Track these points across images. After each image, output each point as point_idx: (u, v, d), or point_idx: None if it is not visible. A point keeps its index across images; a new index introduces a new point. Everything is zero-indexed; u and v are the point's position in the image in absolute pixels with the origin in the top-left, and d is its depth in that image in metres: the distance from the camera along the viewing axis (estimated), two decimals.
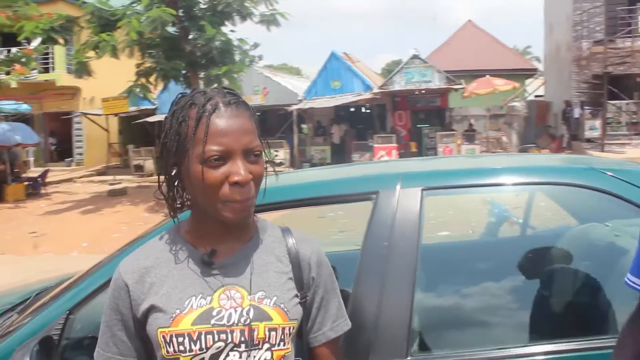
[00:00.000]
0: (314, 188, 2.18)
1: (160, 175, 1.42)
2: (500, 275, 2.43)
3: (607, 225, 2.49)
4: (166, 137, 1.36)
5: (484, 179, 2.18)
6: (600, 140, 20.56)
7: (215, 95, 1.36)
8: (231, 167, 1.30)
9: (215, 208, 1.32)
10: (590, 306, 2.20)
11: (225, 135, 1.29)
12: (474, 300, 2.30)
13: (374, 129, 23.61)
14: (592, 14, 22.43)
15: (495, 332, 2.16)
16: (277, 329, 1.34)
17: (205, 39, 14.24)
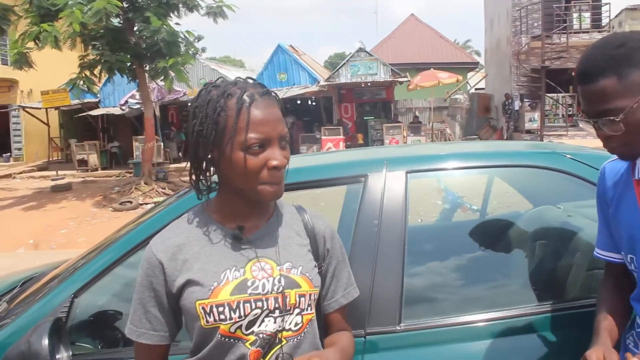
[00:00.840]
0: (309, 172, 2.31)
1: (190, 160, 1.52)
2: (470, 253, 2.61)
3: (559, 207, 2.69)
4: (201, 125, 1.45)
5: (460, 162, 2.37)
6: (539, 132, 21.32)
7: (248, 86, 1.47)
8: (270, 153, 1.43)
9: (254, 189, 1.45)
10: (546, 278, 2.41)
11: (264, 124, 1.42)
12: (449, 274, 2.47)
13: (320, 121, 23.75)
14: (530, 10, 23.23)
15: (465, 299, 2.36)
16: (305, 295, 1.49)
17: (150, 30, 13.96)
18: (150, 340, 1.50)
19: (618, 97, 1.42)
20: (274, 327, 1.45)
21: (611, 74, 1.43)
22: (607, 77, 1.43)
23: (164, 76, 15.03)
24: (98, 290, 2.15)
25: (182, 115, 26.17)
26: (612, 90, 1.43)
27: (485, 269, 2.51)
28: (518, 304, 2.13)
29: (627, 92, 1.42)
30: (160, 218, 2.17)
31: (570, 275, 2.30)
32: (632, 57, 1.42)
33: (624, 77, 1.42)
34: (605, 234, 1.73)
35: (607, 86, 1.43)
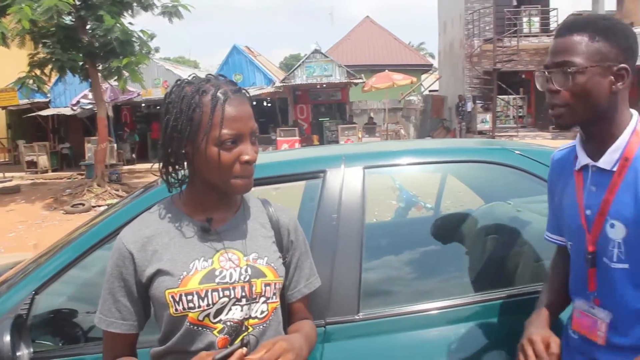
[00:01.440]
0: (272, 168, 2.36)
1: (162, 154, 1.56)
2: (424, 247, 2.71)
3: (509, 203, 2.81)
4: (175, 120, 1.50)
5: (415, 158, 2.46)
6: (491, 132, 21.80)
7: (221, 83, 1.53)
8: (242, 149, 1.50)
9: (227, 183, 1.51)
10: (497, 268, 2.54)
11: (237, 120, 1.49)
12: (405, 266, 2.56)
13: (276, 122, 23.74)
14: (483, 14, 23.75)
15: (420, 289, 2.46)
16: (270, 284, 1.56)
17: (104, 29, 13.66)
18: (120, 329, 1.54)
19: (580, 54, 1.52)
20: (241, 315, 1.51)
21: (585, 34, 1.53)
22: (581, 35, 1.53)
23: (117, 76, 14.74)
24: (59, 287, 2.15)
25: (135, 116, 25.79)
26: (579, 46, 1.52)
27: (439, 262, 2.62)
28: (469, 292, 2.25)
29: (590, 55, 1.51)
30: (120, 216, 2.18)
31: (518, 266, 2.41)
32: (610, 32, 1.53)
33: (594, 42, 1.52)
34: (553, 218, 1.84)
35: (577, 41, 1.53)
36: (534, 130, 23.28)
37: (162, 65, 23.48)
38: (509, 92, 23.33)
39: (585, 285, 1.63)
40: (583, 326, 1.65)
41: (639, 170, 1.53)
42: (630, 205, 1.51)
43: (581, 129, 1.64)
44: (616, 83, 1.53)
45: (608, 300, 1.58)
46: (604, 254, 1.58)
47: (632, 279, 1.53)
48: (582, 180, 1.65)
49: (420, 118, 26.76)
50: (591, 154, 1.62)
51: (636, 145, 1.55)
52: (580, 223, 1.63)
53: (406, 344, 2.01)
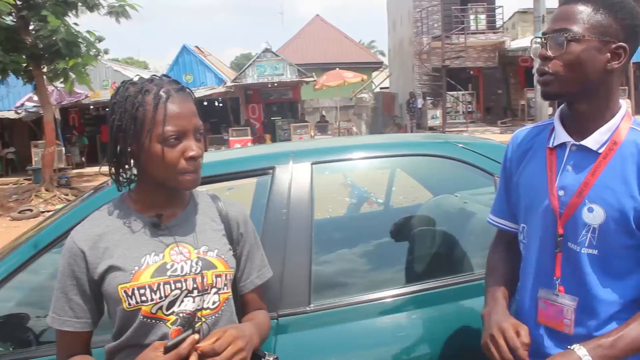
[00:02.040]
0: (221, 166, 2.40)
1: (110, 154, 1.59)
2: (372, 241, 2.77)
3: (456, 196, 2.90)
4: (120, 120, 1.52)
5: (363, 153, 2.54)
6: (441, 128, 22.17)
7: (164, 83, 1.56)
8: (186, 145, 1.53)
9: (173, 179, 1.53)
10: (444, 257, 2.63)
11: (180, 117, 1.52)
12: (354, 259, 2.62)
13: (228, 122, 23.61)
14: (431, 12, 24.16)
15: (372, 280, 2.54)
16: (221, 275, 1.59)
17: (48, 30, 13.27)
18: (73, 328, 1.55)
19: (580, 23, 1.47)
20: (193, 306, 1.54)
21: (590, 4, 1.48)
22: (585, 5, 1.48)
23: (64, 78, 14.40)
24: (7, 293, 2.13)
25: (84, 118, 25.24)
26: (581, 15, 1.47)
27: (389, 254, 2.69)
28: (419, 280, 2.33)
29: (590, 25, 1.46)
30: (70, 218, 2.17)
31: (466, 254, 2.50)
32: (617, 7, 1.47)
33: (597, 13, 1.47)
34: (503, 201, 1.79)
35: (580, 10, 1.48)
36: (483, 125, 23.81)
37: (110, 66, 23.09)
38: (458, 88, 23.79)
39: (550, 271, 1.57)
40: (549, 317, 1.58)
41: (626, 156, 1.49)
42: (615, 191, 1.47)
43: (568, 104, 1.58)
44: (612, 61, 1.48)
45: (574, 287, 1.53)
46: (572, 238, 1.53)
47: (598, 265, 1.50)
48: (556, 159, 1.58)
49: (371, 115, 27.01)
50: (571, 132, 1.57)
51: (625, 131, 1.52)
52: (548, 203, 1.56)
53: (357, 332, 2.07)
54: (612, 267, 1.50)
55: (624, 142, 1.51)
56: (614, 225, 1.47)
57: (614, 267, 1.50)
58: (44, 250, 2.09)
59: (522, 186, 1.67)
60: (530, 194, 1.63)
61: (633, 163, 1.48)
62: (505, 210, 1.78)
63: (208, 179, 2.20)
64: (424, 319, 2.12)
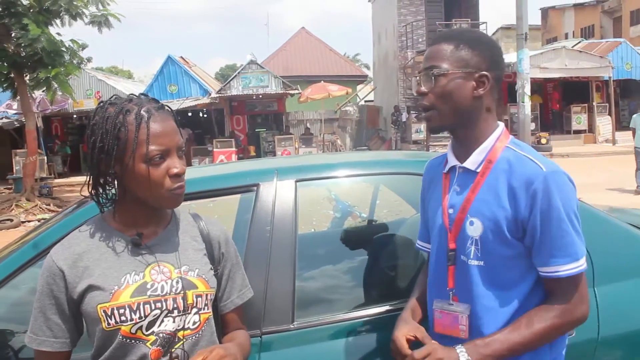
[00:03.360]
0: (205, 182, 2.39)
1: (91, 175, 1.58)
2: (356, 256, 2.78)
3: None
4: (102, 141, 1.51)
5: (346, 171, 2.55)
6: (425, 142, 22.28)
7: (144, 102, 1.56)
8: (170, 163, 1.53)
9: (159, 198, 1.54)
10: None
11: (162, 136, 1.52)
12: (338, 275, 2.62)
13: (212, 133, 23.54)
14: (415, 27, 24.38)
15: (355, 297, 2.54)
16: (202, 295, 1.59)
17: (29, 39, 13.12)
18: (51, 348, 1.54)
19: (445, 60, 1.67)
20: (173, 327, 1.53)
21: (452, 42, 1.69)
22: (448, 43, 1.69)
23: (46, 87, 14.29)
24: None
25: (67, 127, 25.07)
26: (445, 53, 1.68)
27: (373, 269, 2.68)
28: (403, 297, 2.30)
29: (453, 61, 1.66)
30: (52, 233, 2.14)
31: None
32: (475, 42, 1.69)
33: (459, 50, 1.67)
34: (424, 226, 1.96)
35: (444, 48, 1.69)
36: None
37: (94, 75, 22.92)
38: None
39: (444, 283, 1.73)
40: (445, 325, 1.72)
41: (500, 172, 1.65)
42: (490, 204, 1.63)
43: (451, 133, 1.77)
44: (477, 88, 1.67)
45: (466, 296, 1.68)
46: (462, 251, 1.69)
47: (486, 276, 1.65)
48: (449, 182, 1.76)
49: (356, 128, 27.11)
50: (459, 156, 1.74)
51: (499, 151, 1.69)
52: (442, 222, 1.74)
53: (341, 350, 2.06)
54: (499, 277, 1.65)
55: (498, 159, 1.68)
56: (491, 235, 1.63)
57: (500, 278, 1.65)
58: (26, 265, 2.06)
59: (428, 210, 1.86)
60: (432, 216, 1.82)
61: (504, 178, 1.64)
62: (425, 235, 1.95)
63: (192, 195, 2.20)
64: None
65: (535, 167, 1.60)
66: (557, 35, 38.33)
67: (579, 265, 1.60)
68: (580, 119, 23.47)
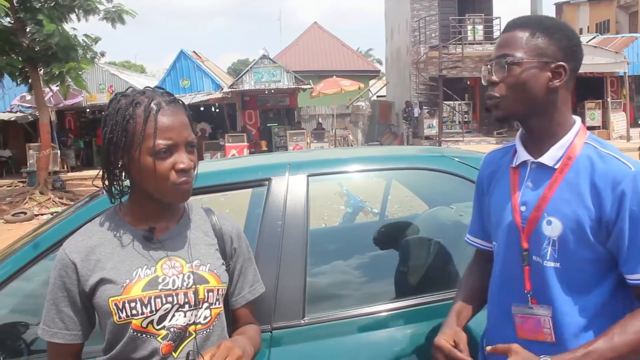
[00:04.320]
0: (217, 176, 2.39)
1: (103, 166, 1.58)
2: (367, 252, 2.77)
3: (452, 208, 2.90)
4: (112, 133, 1.52)
5: (358, 166, 2.53)
6: (437, 138, 22.21)
7: (156, 95, 1.55)
8: (177, 157, 1.52)
9: (164, 192, 1.53)
10: (440, 270, 2.61)
11: (170, 130, 1.51)
12: (349, 271, 2.62)
13: (224, 128, 23.59)
14: (428, 22, 24.26)
15: (366, 293, 2.55)
16: (213, 290, 1.58)
17: (44, 34, 13.18)
18: (64, 340, 1.54)
19: (519, 48, 1.57)
20: (184, 321, 1.53)
21: (528, 29, 1.59)
22: (523, 30, 1.59)
23: (60, 81, 14.36)
24: (1, 300, 2.11)
25: (80, 121, 25.22)
26: (520, 41, 1.58)
27: (384, 265, 2.68)
28: (414, 294, 2.31)
29: (528, 49, 1.57)
30: (65, 226, 2.16)
31: (461, 267, 2.49)
32: (552, 30, 1.58)
33: (535, 37, 1.57)
34: (478, 221, 1.88)
35: (518, 36, 1.59)
36: (479, 136, 23.86)
37: (107, 70, 23.03)
38: (455, 98, 23.85)
39: (520, 285, 1.63)
40: (528, 330, 1.62)
41: (581, 170, 1.55)
42: (571, 203, 1.54)
43: (521, 124, 1.67)
44: (553, 80, 1.57)
45: (544, 298, 1.59)
46: (536, 251, 1.59)
47: (562, 278, 1.56)
48: (519, 177, 1.66)
49: (368, 123, 27.05)
50: (530, 151, 1.65)
51: (579, 147, 1.59)
52: (512, 219, 1.64)
53: (352, 346, 2.06)
54: (575, 281, 1.56)
55: (578, 156, 1.58)
56: (572, 236, 1.54)
57: (577, 281, 1.56)
58: (39, 258, 2.07)
59: (492, 206, 1.76)
60: (498, 212, 1.71)
61: (586, 176, 1.55)
62: (480, 230, 1.87)
63: (204, 189, 2.21)
64: (420, 333, 2.11)
65: (623, 166, 1.51)
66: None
67: None
68: (594, 115, 23.29)
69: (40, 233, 2.27)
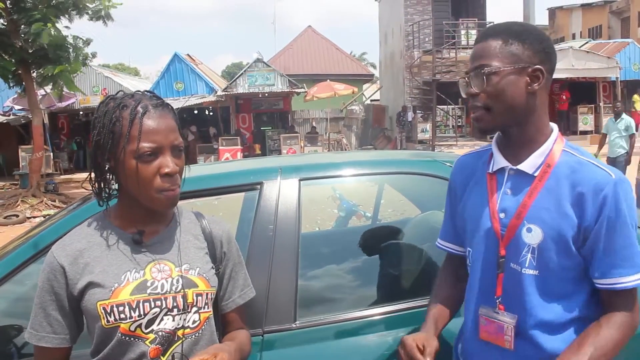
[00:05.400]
0: (209, 180, 2.40)
1: (91, 169, 1.59)
2: (359, 256, 2.78)
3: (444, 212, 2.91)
4: (99, 135, 1.52)
5: (350, 170, 2.54)
6: (430, 142, 22.25)
7: (144, 98, 1.56)
8: (162, 161, 1.51)
9: (149, 196, 1.52)
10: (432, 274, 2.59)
11: (156, 133, 1.50)
12: (341, 275, 2.62)
13: (218, 131, 23.56)
14: (422, 26, 24.36)
15: (357, 297, 2.54)
16: (202, 294, 1.59)
17: (32, 33, 13.01)
18: (51, 344, 1.54)
19: (494, 57, 1.58)
20: (173, 325, 1.53)
21: (500, 38, 1.60)
22: (495, 39, 1.60)
23: (52, 83, 14.29)
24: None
25: (73, 124, 25.13)
26: (493, 49, 1.59)
27: (375, 269, 2.68)
28: (406, 298, 2.31)
29: (503, 57, 1.57)
30: (57, 228, 2.15)
31: None
32: (524, 35, 1.59)
33: (508, 44, 1.58)
34: (449, 225, 1.88)
35: (491, 45, 1.59)
36: (472, 140, 23.90)
37: (101, 72, 22.98)
38: (448, 102, 23.92)
39: (491, 290, 1.65)
40: (490, 333, 1.66)
41: (561, 177, 1.57)
42: (551, 211, 1.55)
43: (502, 133, 1.67)
44: (532, 84, 1.58)
45: (513, 306, 1.61)
46: (514, 259, 1.60)
47: (540, 286, 1.58)
48: (496, 183, 1.67)
49: (361, 127, 27.09)
50: (508, 156, 1.65)
51: (558, 154, 1.60)
52: (491, 226, 1.64)
53: (343, 350, 2.06)
54: (553, 288, 1.58)
55: (557, 164, 1.60)
56: (552, 244, 1.55)
57: (555, 289, 1.58)
58: (30, 260, 2.07)
59: (467, 211, 1.75)
60: (475, 218, 1.70)
61: (567, 183, 1.56)
62: (452, 234, 1.87)
63: (195, 193, 2.22)
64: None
65: (604, 174, 1.54)
66: (564, 35, 38.17)
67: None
68: (586, 119, 23.37)
69: (32, 236, 2.26)
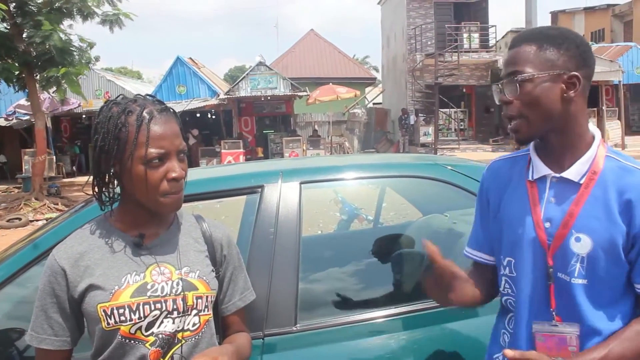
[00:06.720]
0: (210, 183, 2.41)
1: (93, 174, 1.59)
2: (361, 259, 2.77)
3: (445, 216, 2.91)
4: (103, 140, 1.52)
5: (351, 173, 2.55)
6: (433, 145, 22.26)
7: (148, 103, 1.56)
8: (169, 166, 1.53)
9: (155, 200, 1.54)
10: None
11: (163, 139, 1.52)
12: (342, 278, 2.62)
13: (220, 134, 23.58)
14: (424, 30, 24.40)
15: (359, 300, 2.56)
16: (202, 297, 1.59)
17: (41, 36, 13.14)
18: (52, 346, 1.55)
19: (528, 63, 1.53)
20: (173, 328, 1.54)
21: (534, 43, 1.54)
22: (529, 45, 1.54)
23: (56, 86, 14.34)
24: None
25: (76, 127, 25.18)
26: (527, 55, 1.53)
27: (377, 272, 2.68)
28: (408, 301, 2.31)
29: (538, 63, 1.52)
30: (59, 231, 2.16)
31: None
32: (559, 40, 1.54)
33: (542, 50, 1.53)
34: (480, 234, 1.79)
35: (525, 51, 1.54)
36: (474, 143, 23.94)
37: (104, 76, 23.04)
38: (451, 106, 23.94)
39: (545, 303, 1.58)
40: (550, 349, 1.57)
41: (607, 184, 1.52)
42: (600, 219, 1.51)
43: (541, 140, 1.62)
44: (568, 91, 1.52)
45: (570, 316, 1.55)
46: (562, 268, 1.55)
47: (589, 294, 1.53)
48: (538, 191, 1.61)
49: (364, 131, 27.09)
50: (550, 164, 1.60)
51: (602, 160, 1.56)
52: (535, 236, 1.58)
53: (344, 354, 2.06)
54: (602, 296, 1.53)
55: (603, 170, 1.55)
56: (602, 253, 1.50)
57: (604, 297, 1.53)
58: (32, 263, 2.08)
59: (505, 220, 1.67)
60: (516, 227, 1.63)
61: (614, 190, 1.52)
62: (483, 243, 1.79)
63: (197, 196, 2.22)
64: (413, 340, 2.12)
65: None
66: None
67: None
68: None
69: (34, 239, 2.27)
